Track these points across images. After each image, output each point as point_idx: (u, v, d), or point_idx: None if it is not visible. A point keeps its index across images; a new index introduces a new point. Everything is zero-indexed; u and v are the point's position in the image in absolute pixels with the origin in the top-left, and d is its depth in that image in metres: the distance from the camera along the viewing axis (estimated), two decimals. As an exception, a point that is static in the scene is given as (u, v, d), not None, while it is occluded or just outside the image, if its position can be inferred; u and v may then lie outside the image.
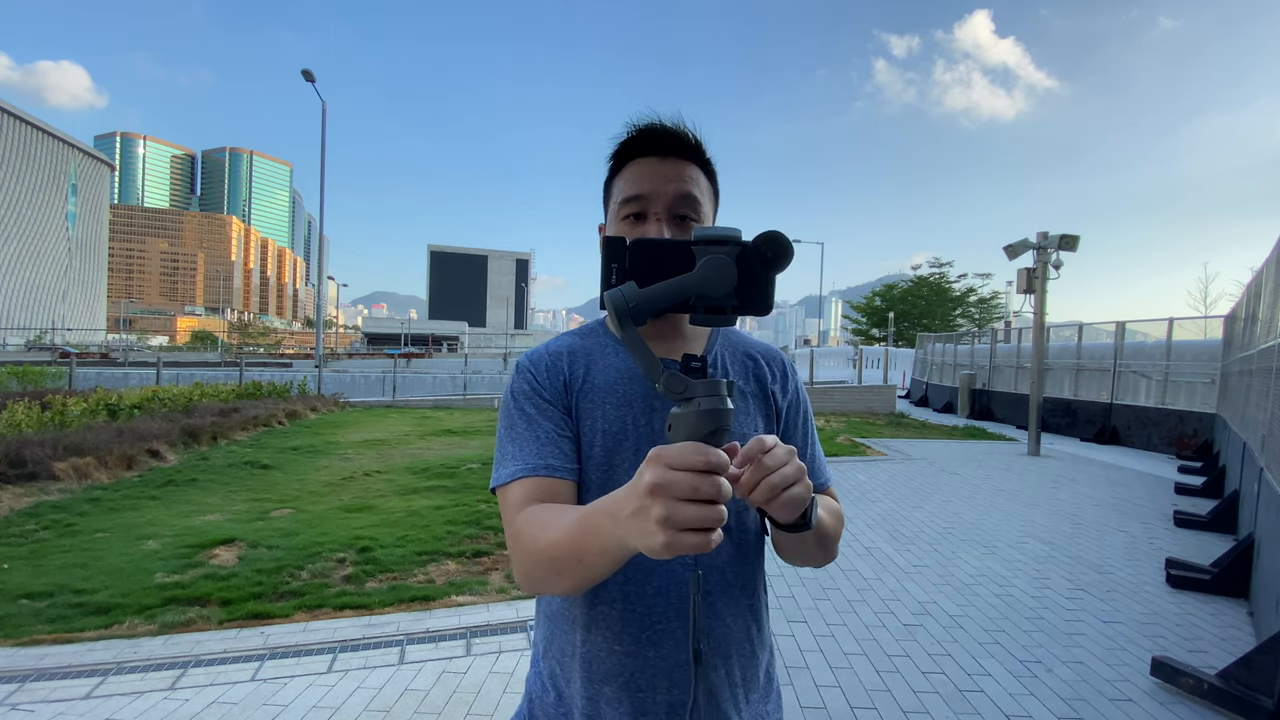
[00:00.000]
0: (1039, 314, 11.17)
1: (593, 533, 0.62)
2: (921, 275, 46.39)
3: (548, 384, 0.86)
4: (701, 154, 0.88)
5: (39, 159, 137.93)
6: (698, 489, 0.51)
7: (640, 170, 0.85)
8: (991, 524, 6.02)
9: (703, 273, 0.56)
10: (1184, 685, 2.99)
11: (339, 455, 8.66)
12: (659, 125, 0.87)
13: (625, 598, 0.81)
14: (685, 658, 0.81)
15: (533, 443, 0.83)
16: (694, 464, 0.52)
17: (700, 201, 0.86)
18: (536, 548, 0.71)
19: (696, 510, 0.52)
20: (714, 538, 0.53)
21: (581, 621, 0.84)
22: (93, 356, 45.46)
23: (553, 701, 0.87)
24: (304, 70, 19.65)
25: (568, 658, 0.86)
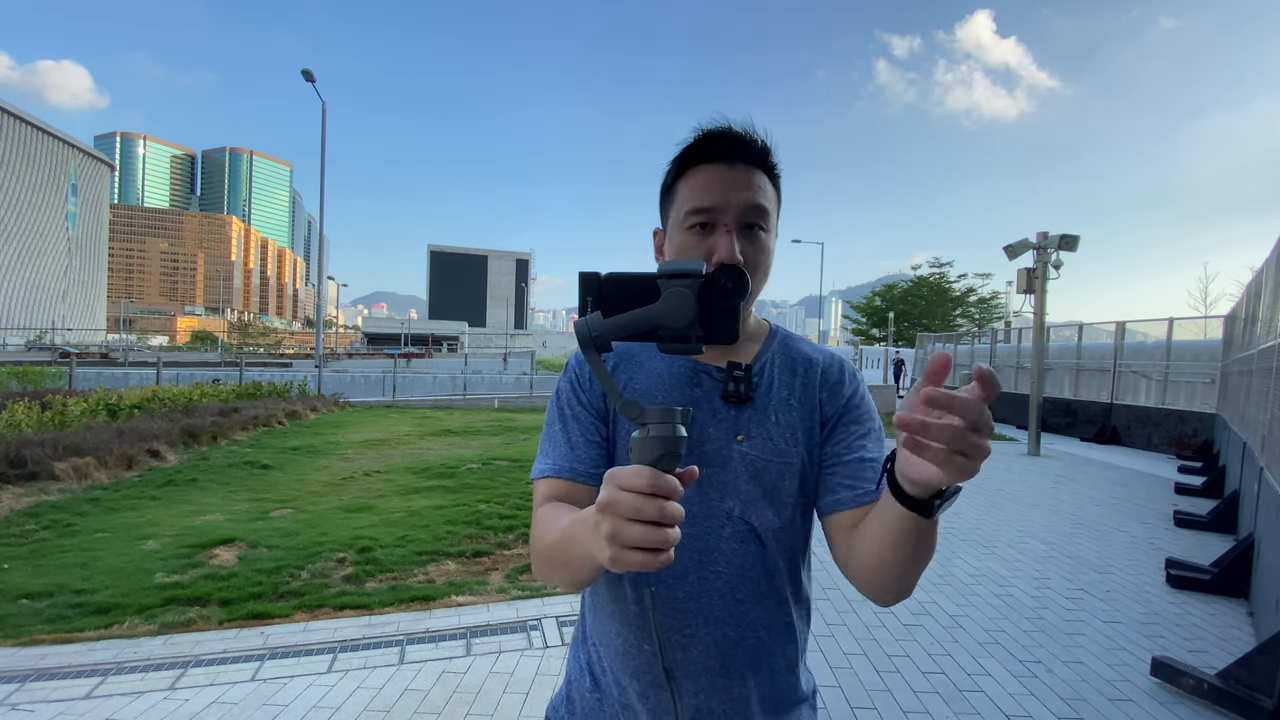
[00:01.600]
0: (1039, 314, 11.18)
1: (574, 540, 0.66)
2: (921, 275, 46.37)
3: (589, 387, 0.89)
4: (768, 160, 0.86)
5: (39, 159, 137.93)
6: (640, 510, 0.53)
7: (708, 179, 0.83)
8: (991, 524, 6.02)
9: (663, 305, 0.60)
10: (1184, 685, 2.99)
11: (339, 455, 8.66)
12: (728, 130, 0.84)
13: (657, 599, 0.83)
14: (712, 664, 0.83)
15: (564, 444, 0.86)
16: (638, 486, 0.54)
17: (769, 211, 0.85)
18: (540, 545, 0.76)
19: (639, 530, 0.54)
20: (661, 559, 0.55)
21: (617, 616, 0.86)
22: (93, 356, 45.47)
23: (589, 687, 0.90)
24: (304, 70, 19.63)
25: (605, 648, 0.88)
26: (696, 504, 0.84)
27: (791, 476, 0.86)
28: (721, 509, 0.84)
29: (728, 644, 0.83)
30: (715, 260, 0.80)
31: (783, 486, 0.85)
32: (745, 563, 0.84)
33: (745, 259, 0.81)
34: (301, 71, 19.73)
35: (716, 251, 0.81)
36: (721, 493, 0.84)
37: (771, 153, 0.86)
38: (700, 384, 0.87)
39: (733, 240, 0.81)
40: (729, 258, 0.79)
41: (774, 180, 0.87)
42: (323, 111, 20.97)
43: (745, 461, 0.84)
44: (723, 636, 0.83)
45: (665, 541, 0.54)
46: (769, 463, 0.84)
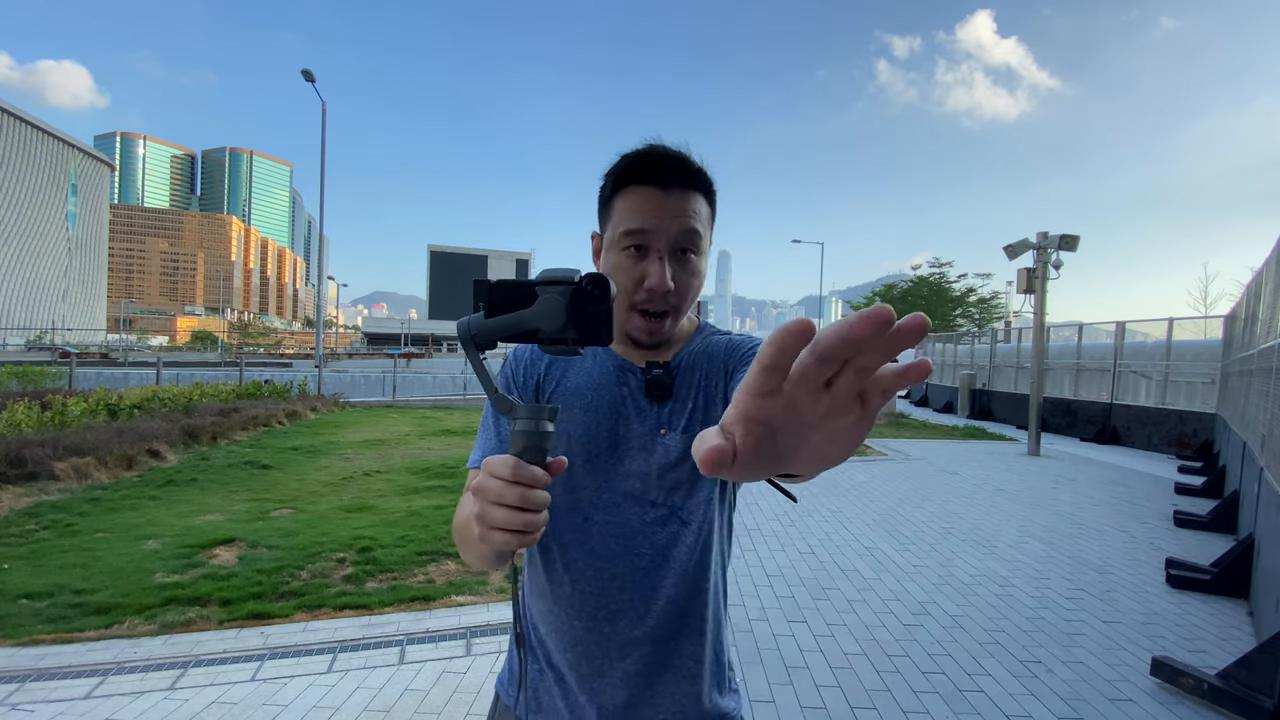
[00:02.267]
0: (1039, 314, 11.18)
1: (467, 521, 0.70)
2: (921, 275, 46.36)
3: (520, 383, 0.95)
4: (704, 180, 0.89)
5: (39, 159, 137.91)
6: (503, 496, 0.60)
7: (642, 202, 0.85)
8: (991, 524, 6.02)
9: (537, 309, 0.64)
10: (1184, 685, 2.99)
11: (339, 455, 8.66)
12: (664, 152, 0.86)
13: (585, 580, 0.90)
14: (637, 634, 0.89)
15: (494, 437, 0.92)
16: (503, 474, 0.60)
17: (701, 235, 0.88)
18: (454, 526, 0.84)
19: (502, 514, 0.60)
20: (525, 540, 0.61)
21: (550, 595, 0.92)
22: (93, 356, 45.46)
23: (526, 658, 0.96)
24: (304, 70, 19.62)
25: (539, 624, 0.95)
26: (623, 495, 0.90)
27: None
28: (647, 498, 0.90)
29: (651, 615, 0.90)
30: (646, 285, 0.85)
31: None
32: (669, 543, 0.90)
33: (676, 284, 0.86)
34: (301, 71, 19.73)
35: (648, 278, 0.85)
36: (645, 484, 0.90)
37: (706, 173, 0.89)
38: (627, 382, 0.93)
39: (664, 267, 0.85)
40: (659, 285, 0.85)
41: (710, 199, 0.90)
42: (323, 111, 20.96)
43: (667, 452, 0.90)
44: (646, 609, 0.90)
45: (527, 525, 0.61)
46: (688, 451, 0.88)
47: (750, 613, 3.80)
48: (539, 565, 0.95)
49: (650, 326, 0.89)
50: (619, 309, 0.89)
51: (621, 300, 0.88)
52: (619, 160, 0.88)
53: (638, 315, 0.89)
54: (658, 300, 0.87)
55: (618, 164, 0.88)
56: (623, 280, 0.87)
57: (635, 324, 0.90)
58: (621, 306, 0.89)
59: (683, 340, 0.98)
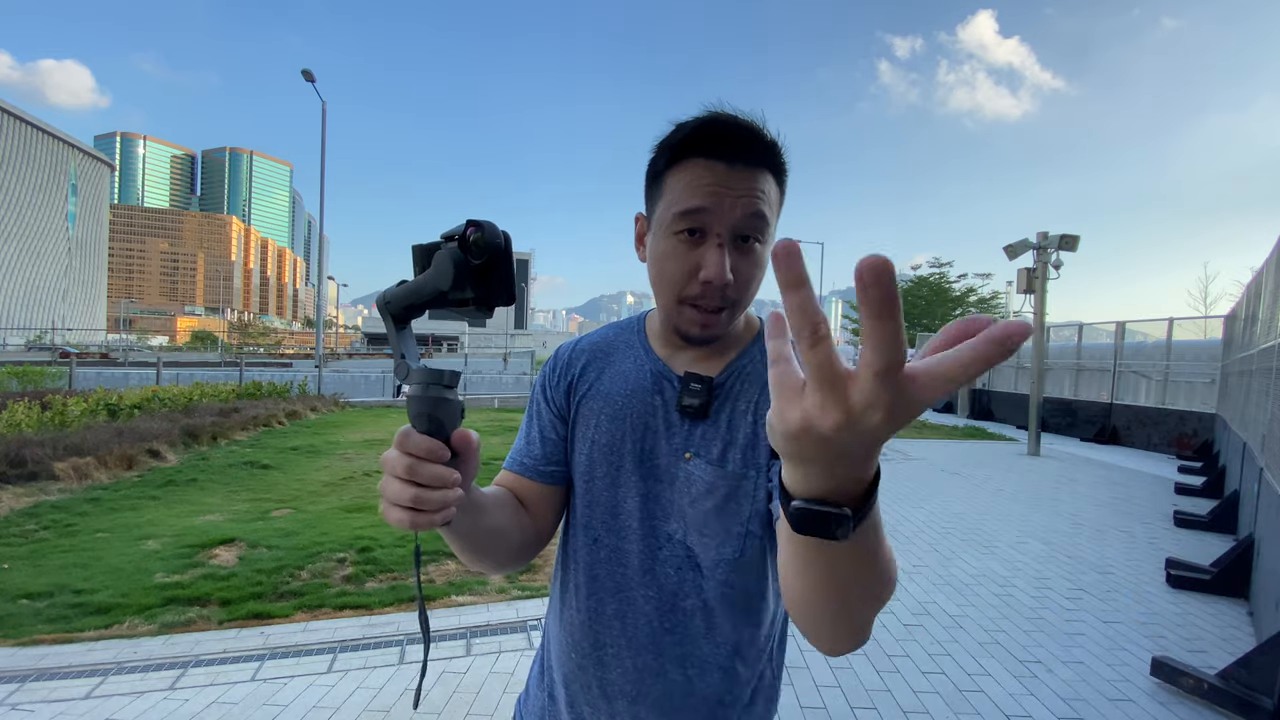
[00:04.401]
0: (1039, 314, 11.17)
1: None
2: (921, 275, 46.34)
3: (554, 383, 0.88)
4: (777, 157, 0.74)
5: (39, 159, 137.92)
6: (394, 466, 0.56)
7: (705, 177, 0.71)
8: (991, 524, 6.02)
9: (432, 269, 0.58)
10: (1184, 685, 2.99)
11: (339, 455, 8.66)
12: (734, 120, 0.72)
13: (586, 611, 0.83)
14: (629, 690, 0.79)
15: (523, 439, 0.88)
16: (400, 445, 0.56)
17: (769, 219, 0.74)
18: None
19: (395, 487, 0.56)
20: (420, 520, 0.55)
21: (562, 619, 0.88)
22: (93, 356, 45.45)
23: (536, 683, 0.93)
24: (304, 70, 19.63)
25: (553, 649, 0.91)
26: (637, 519, 0.79)
27: (743, 501, 0.76)
28: (663, 529, 0.78)
29: (647, 673, 0.78)
30: (702, 277, 0.73)
31: (730, 512, 0.76)
32: (679, 590, 0.77)
33: (736, 275, 0.73)
34: (301, 71, 19.73)
35: (705, 268, 0.73)
36: (666, 511, 0.78)
37: (780, 150, 0.74)
38: (662, 391, 0.81)
39: (723, 256, 0.72)
40: (717, 277, 0.72)
41: (780, 180, 0.76)
42: (323, 111, 20.96)
43: (690, 481, 0.77)
44: (642, 664, 0.78)
45: (417, 500, 0.55)
46: (715, 485, 0.76)
47: (750, 613, 3.80)
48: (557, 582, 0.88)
49: (705, 319, 0.76)
50: (665, 303, 0.77)
51: (670, 293, 0.76)
52: (675, 129, 0.74)
53: (689, 309, 0.76)
54: (713, 295, 0.74)
55: (674, 132, 0.74)
56: (673, 270, 0.74)
57: (686, 317, 0.76)
58: (670, 300, 0.77)
59: (740, 347, 0.83)
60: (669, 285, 0.75)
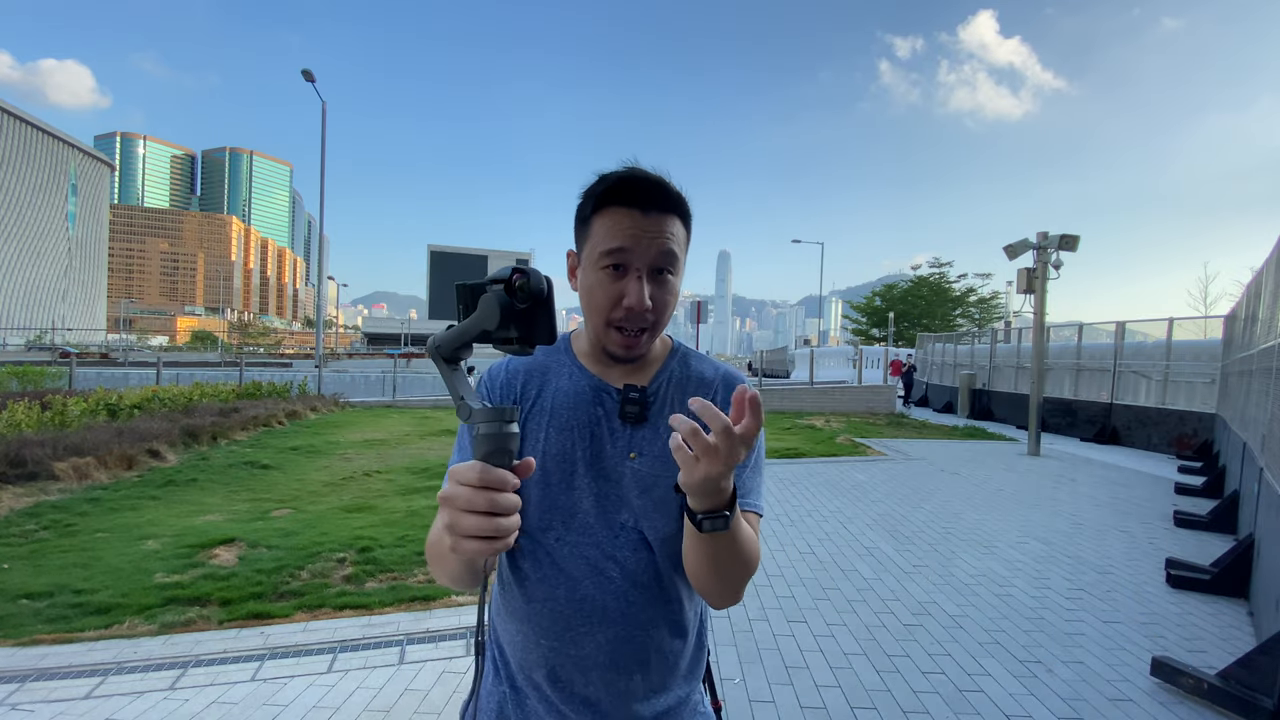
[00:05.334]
0: (1039, 314, 11.18)
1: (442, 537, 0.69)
2: (921, 275, 46.37)
3: (497, 401, 0.95)
4: (683, 207, 0.90)
5: (39, 159, 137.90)
6: (472, 502, 0.61)
7: (622, 222, 0.86)
8: (991, 524, 6.02)
9: (479, 311, 0.65)
10: (1184, 685, 2.99)
11: (339, 455, 8.66)
12: (645, 177, 0.88)
13: (554, 600, 0.90)
14: (603, 659, 0.90)
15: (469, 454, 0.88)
16: (470, 480, 0.61)
17: (678, 256, 0.89)
18: (427, 543, 0.86)
19: (473, 521, 0.61)
20: (497, 546, 0.62)
21: (518, 615, 0.93)
22: (93, 356, 45.46)
23: (492, 679, 0.97)
24: (304, 70, 19.62)
25: (506, 643, 0.96)
26: (594, 515, 0.91)
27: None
28: (617, 520, 0.91)
29: (619, 641, 0.90)
30: (625, 304, 0.86)
31: (671, 498, 0.89)
32: (638, 568, 0.90)
33: (654, 302, 0.88)
34: (302, 71, 19.73)
35: (627, 296, 0.86)
36: (617, 505, 0.91)
37: (684, 201, 0.90)
38: (602, 403, 0.94)
39: (643, 286, 0.86)
40: (638, 304, 0.86)
41: (686, 224, 0.92)
42: (323, 112, 20.97)
43: (637, 477, 0.90)
44: (615, 635, 0.90)
45: (498, 530, 0.61)
46: (659, 477, 0.90)
47: (750, 613, 3.80)
48: (510, 582, 0.95)
49: (627, 341, 0.90)
50: (595, 326, 0.91)
51: (599, 317, 0.90)
52: (597, 181, 0.89)
53: (615, 331, 0.90)
54: (635, 318, 0.88)
55: (596, 184, 0.89)
56: (601, 298, 0.88)
57: (613, 339, 0.91)
58: (599, 323, 0.90)
59: (659, 362, 0.99)
60: (597, 311, 0.90)
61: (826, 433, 12.47)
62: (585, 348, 0.98)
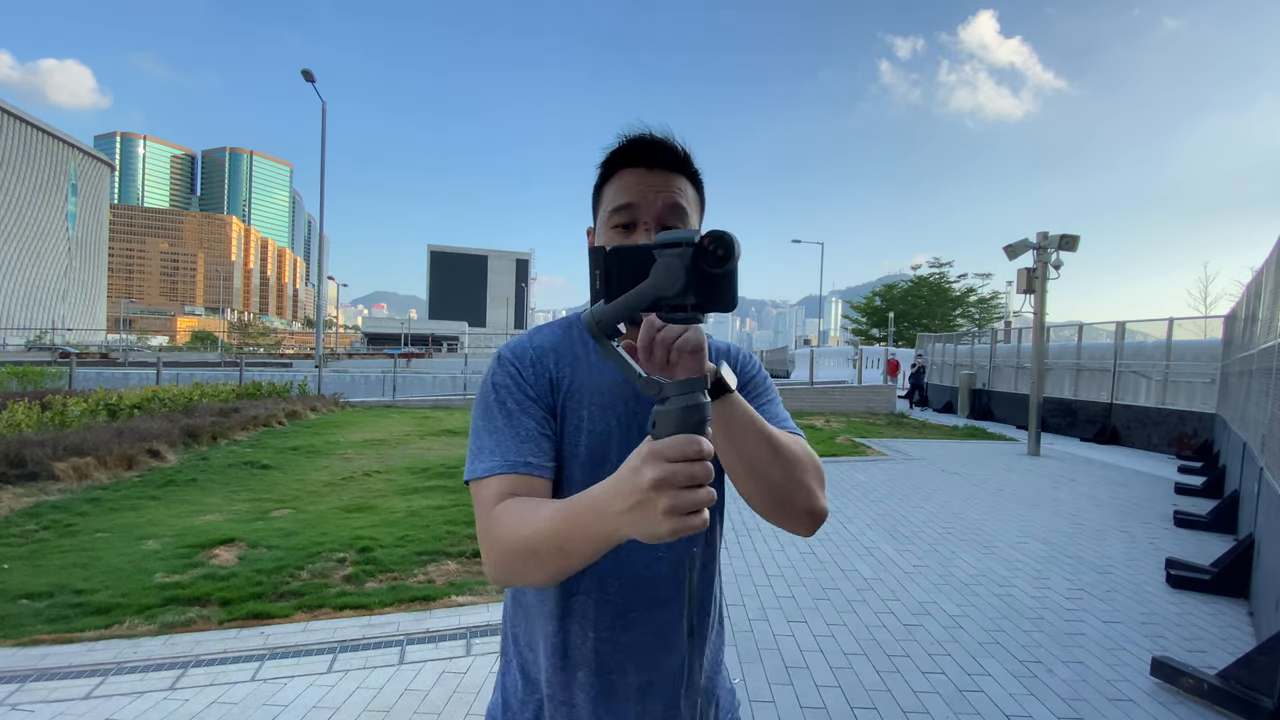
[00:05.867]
0: (1039, 314, 11.18)
1: (578, 526, 0.65)
2: (921, 275, 46.39)
3: (534, 381, 0.88)
4: (689, 166, 0.90)
5: (39, 159, 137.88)
6: (694, 476, 0.56)
7: (629, 180, 0.87)
8: (991, 524, 6.02)
9: (655, 277, 0.60)
10: (1184, 685, 2.99)
11: (339, 455, 8.66)
12: (648, 136, 0.88)
13: (601, 588, 0.88)
14: (651, 641, 0.89)
15: (512, 439, 0.84)
16: (690, 454, 0.56)
17: (687, 211, 0.88)
18: (516, 538, 0.72)
19: (695, 495, 0.57)
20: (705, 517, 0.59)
21: (556, 613, 0.89)
22: (93, 356, 45.44)
23: (523, 688, 0.93)
24: (304, 70, 19.62)
25: (539, 647, 0.91)
26: None
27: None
28: None
29: (665, 625, 0.90)
30: None
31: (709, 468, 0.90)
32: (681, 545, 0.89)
33: None
34: (302, 71, 19.73)
35: None
36: None
37: (690, 158, 0.90)
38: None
39: (650, 238, 0.84)
40: None
41: (696, 185, 0.91)
42: (323, 112, 20.97)
43: None
44: (665, 617, 0.89)
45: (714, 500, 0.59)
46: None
47: (750, 613, 3.80)
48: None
49: None
50: None
51: None
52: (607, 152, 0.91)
53: None
54: None
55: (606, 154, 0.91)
56: None
57: None
58: None
59: None
60: None
61: (826, 433, 12.47)
62: None
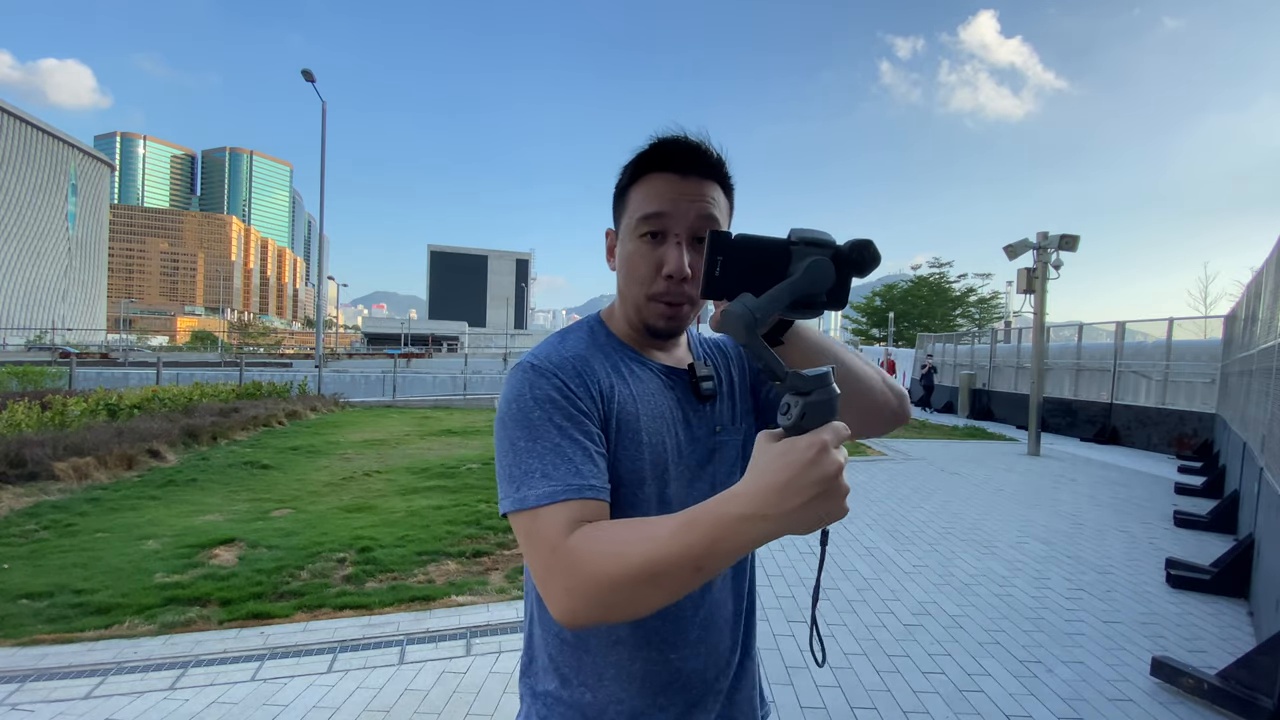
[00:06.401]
0: (1039, 314, 11.18)
1: (725, 538, 0.58)
2: (921, 275, 46.39)
3: (583, 394, 0.80)
4: (722, 171, 0.86)
5: (39, 159, 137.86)
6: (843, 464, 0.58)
7: (661, 187, 0.82)
8: (991, 524, 6.02)
9: (809, 275, 0.62)
10: (1184, 685, 2.99)
11: (339, 455, 8.66)
12: (684, 140, 0.83)
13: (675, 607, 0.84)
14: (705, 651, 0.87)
15: (568, 460, 0.74)
16: (844, 438, 0.58)
17: (720, 221, 0.84)
18: (627, 567, 0.61)
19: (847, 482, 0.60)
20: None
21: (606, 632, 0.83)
22: (93, 356, 45.46)
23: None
24: (304, 70, 19.62)
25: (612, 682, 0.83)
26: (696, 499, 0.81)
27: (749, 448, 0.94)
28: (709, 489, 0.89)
29: (729, 621, 0.91)
30: (665, 272, 0.82)
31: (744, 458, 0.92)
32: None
33: (693, 270, 0.82)
34: (302, 71, 19.73)
35: (666, 264, 0.81)
36: (710, 484, 0.89)
37: (725, 164, 0.86)
38: (675, 387, 0.90)
39: (682, 253, 0.81)
40: (678, 270, 0.81)
41: (727, 191, 0.87)
42: (323, 111, 20.97)
43: (723, 450, 0.91)
44: (727, 614, 0.90)
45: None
46: (740, 444, 0.93)
47: (750, 613, 3.80)
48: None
49: (671, 312, 0.85)
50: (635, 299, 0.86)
51: (639, 289, 0.85)
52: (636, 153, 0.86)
53: (655, 304, 0.85)
54: (675, 290, 0.83)
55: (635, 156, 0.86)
56: (640, 268, 0.84)
57: (655, 311, 0.85)
58: (639, 296, 0.85)
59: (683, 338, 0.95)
60: (637, 283, 0.85)
61: (826, 433, 12.46)
62: (625, 329, 0.91)
